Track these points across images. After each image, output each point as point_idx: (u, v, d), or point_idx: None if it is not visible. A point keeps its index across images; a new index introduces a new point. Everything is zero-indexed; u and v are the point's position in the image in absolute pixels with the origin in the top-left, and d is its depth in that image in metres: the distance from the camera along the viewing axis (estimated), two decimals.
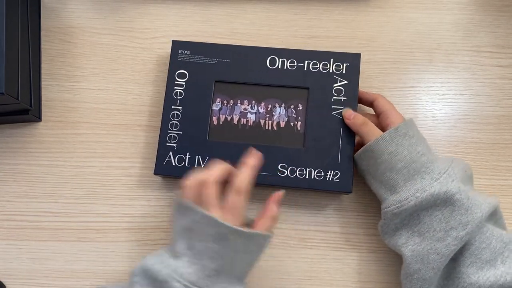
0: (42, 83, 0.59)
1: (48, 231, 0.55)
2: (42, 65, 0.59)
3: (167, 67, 0.56)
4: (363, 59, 0.58)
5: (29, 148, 0.57)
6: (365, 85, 0.58)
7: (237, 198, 0.43)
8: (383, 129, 0.51)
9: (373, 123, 0.51)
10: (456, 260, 0.46)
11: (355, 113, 0.52)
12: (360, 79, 0.55)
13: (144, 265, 0.42)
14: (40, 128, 0.58)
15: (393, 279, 0.53)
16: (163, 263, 0.42)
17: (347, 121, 0.52)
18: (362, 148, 0.50)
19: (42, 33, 0.60)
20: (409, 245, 0.48)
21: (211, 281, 0.42)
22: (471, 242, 0.45)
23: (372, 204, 0.55)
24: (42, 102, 0.58)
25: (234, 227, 0.41)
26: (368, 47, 0.60)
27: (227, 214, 0.43)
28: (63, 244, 0.55)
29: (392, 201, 0.48)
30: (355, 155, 0.52)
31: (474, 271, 0.44)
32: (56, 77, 0.59)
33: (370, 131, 0.50)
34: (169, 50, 0.56)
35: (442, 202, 0.46)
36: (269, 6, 0.61)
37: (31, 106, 0.55)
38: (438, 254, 0.45)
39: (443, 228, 0.45)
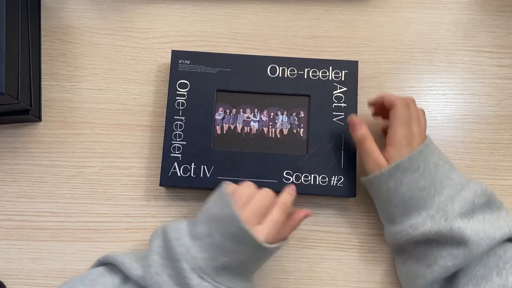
0: (42, 83, 0.59)
1: (48, 231, 0.55)
2: (42, 65, 0.59)
3: (167, 67, 0.55)
4: (363, 59, 0.58)
5: (29, 148, 0.57)
6: (365, 85, 0.58)
7: (279, 214, 0.45)
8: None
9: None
10: (451, 281, 0.46)
11: (359, 122, 0.50)
12: (360, 79, 0.55)
13: (167, 237, 0.43)
14: (40, 128, 0.58)
15: (393, 279, 0.53)
16: (180, 240, 0.43)
17: (350, 130, 0.51)
18: (363, 178, 0.51)
19: (42, 33, 0.60)
20: (406, 265, 0.49)
21: (217, 272, 0.42)
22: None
23: (372, 204, 0.55)
24: (42, 102, 0.58)
25: (264, 244, 0.43)
26: (368, 47, 0.60)
27: (265, 224, 0.44)
28: (63, 244, 0.55)
29: (389, 232, 0.50)
30: (360, 179, 0.52)
31: None
32: (56, 77, 0.59)
33: (365, 151, 0.49)
34: (169, 50, 0.56)
35: (436, 238, 0.46)
36: (269, 6, 0.61)
37: (31, 106, 0.55)
38: (424, 278, 0.46)
39: (434, 255, 0.46)
